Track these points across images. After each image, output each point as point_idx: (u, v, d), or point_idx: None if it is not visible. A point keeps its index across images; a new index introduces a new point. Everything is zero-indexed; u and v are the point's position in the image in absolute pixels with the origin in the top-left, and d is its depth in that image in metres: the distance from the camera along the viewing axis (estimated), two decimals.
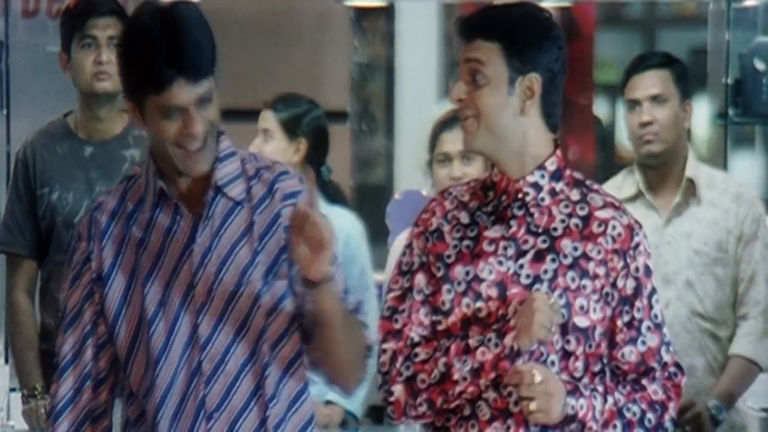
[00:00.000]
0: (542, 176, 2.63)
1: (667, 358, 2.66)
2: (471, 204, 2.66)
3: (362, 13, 7.34)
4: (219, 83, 2.50)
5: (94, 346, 2.53)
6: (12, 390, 4.67)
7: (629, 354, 2.63)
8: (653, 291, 2.67)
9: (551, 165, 2.64)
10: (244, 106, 4.59)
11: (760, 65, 5.47)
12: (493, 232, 2.61)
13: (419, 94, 7.32)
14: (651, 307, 2.65)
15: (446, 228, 2.64)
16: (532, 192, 2.62)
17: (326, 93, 7.22)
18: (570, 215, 2.62)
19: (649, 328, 2.64)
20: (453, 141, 4.13)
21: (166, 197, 2.49)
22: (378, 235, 6.14)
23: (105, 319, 2.52)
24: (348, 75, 7.38)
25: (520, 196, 2.61)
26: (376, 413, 6.11)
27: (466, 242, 2.62)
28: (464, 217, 2.65)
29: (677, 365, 2.69)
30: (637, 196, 4.10)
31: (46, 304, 4.08)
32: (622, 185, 4.14)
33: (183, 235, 2.49)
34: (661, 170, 4.10)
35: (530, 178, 2.62)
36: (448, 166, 4.11)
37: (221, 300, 2.47)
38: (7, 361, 5.07)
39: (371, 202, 7.28)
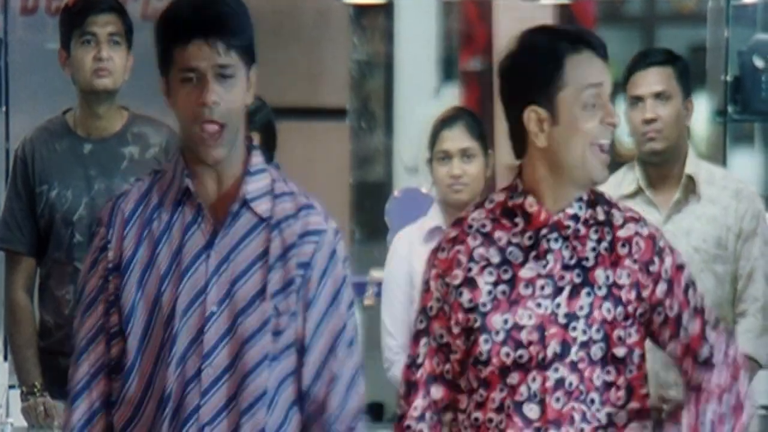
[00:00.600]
0: (580, 207, 2.52)
1: (711, 336, 2.58)
2: (496, 235, 2.52)
3: (361, 10, 7.33)
4: None
5: (107, 335, 2.50)
6: (11, 387, 4.66)
7: (674, 349, 2.56)
8: (689, 284, 2.58)
9: (586, 193, 2.54)
10: None
11: (759, 62, 5.45)
12: (529, 272, 2.49)
13: (418, 91, 7.31)
14: (688, 301, 2.56)
15: (475, 270, 2.50)
16: (572, 225, 2.51)
17: (325, 90, 7.22)
18: (599, 240, 2.53)
19: (689, 317, 2.56)
20: (453, 139, 4.11)
21: (191, 196, 2.47)
22: (377, 233, 6.14)
23: (119, 308, 2.50)
24: (347, 72, 7.37)
25: (559, 229, 2.52)
26: (376, 410, 6.13)
27: (501, 287, 2.49)
28: (494, 256, 2.51)
29: (725, 330, 2.65)
30: (636, 193, 4.08)
31: (46, 302, 4.06)
32: (621, 182, 4.11)
33: (202, 238, 2.47)
34: (662, 167, 4.08)
35: (570, 210, 2.51)
36: (447, 163, 4.08)
37: (231, 314, 2.45)
38: (6, 358, 5.07)
39: (370, 199, 7.26)
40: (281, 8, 6.94)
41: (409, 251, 4.24)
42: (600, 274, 2.50)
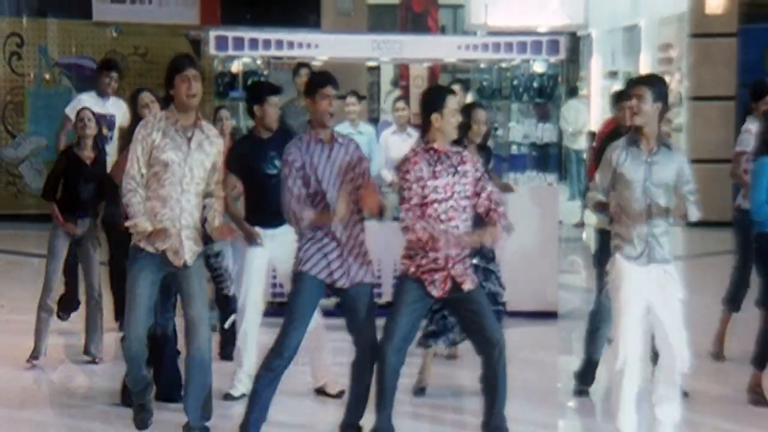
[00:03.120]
0: (452, 147, 6.46)
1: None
2: (426, 156, 6.39)
3: None
4: None
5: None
6: None
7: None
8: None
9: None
10: None
11: None
12: (438, 168, 6.37)
13: None
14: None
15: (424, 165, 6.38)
16: (453, 153, 6.44)
17: None
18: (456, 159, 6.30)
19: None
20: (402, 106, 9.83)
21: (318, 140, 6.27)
22: None
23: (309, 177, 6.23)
24: None
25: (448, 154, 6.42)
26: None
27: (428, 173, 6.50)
28: (427, 164, 6.35)
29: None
30: None
31: None
32: None
33: (327, 152, 6.23)
34: None
35: (452, 148, 6.45)
36: (399, 111, 9.88)
37: (341, 179, 6.20)
38: None
39: None
40: None
41: (386, 138, 11.00)
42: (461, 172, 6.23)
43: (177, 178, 6.02)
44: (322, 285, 6.19)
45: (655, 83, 6.09)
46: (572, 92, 18.92)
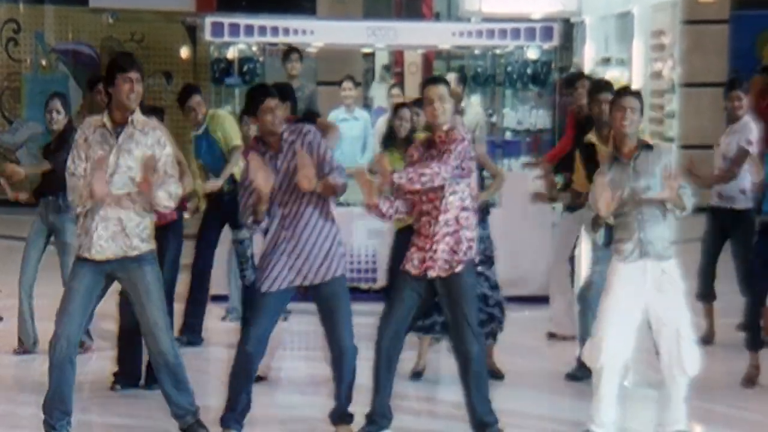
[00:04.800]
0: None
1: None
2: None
3: None
4: None
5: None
6: None
7: None
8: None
9: None
10: None
11: None
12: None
13: None
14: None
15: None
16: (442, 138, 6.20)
17: None
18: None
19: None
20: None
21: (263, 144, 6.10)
22: None
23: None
24: None
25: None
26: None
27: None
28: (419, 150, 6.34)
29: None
30: None
31: None
32: None
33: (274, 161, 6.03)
34: None
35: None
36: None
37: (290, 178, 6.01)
38: None
39: None
40: None
41: (383, 123, 9.56)
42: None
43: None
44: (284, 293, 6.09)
45: (640, 97, 6.24)
46: None
